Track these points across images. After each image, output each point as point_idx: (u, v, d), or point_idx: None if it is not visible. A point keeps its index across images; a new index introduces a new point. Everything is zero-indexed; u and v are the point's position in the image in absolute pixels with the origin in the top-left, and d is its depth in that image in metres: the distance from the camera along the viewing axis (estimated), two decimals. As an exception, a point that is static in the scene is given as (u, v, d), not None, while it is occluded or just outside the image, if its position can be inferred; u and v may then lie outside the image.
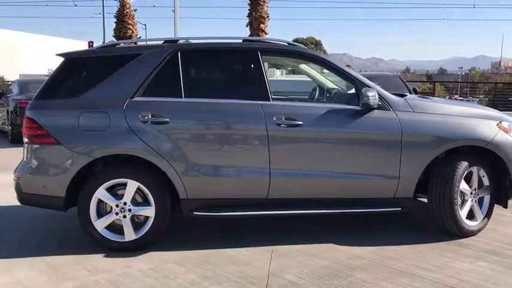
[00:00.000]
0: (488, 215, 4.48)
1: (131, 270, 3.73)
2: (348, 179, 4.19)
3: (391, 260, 3.85)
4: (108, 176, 4.05)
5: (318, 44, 72.08)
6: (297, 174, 4.15)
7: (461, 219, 4.26)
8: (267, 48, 4.35)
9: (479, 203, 4.45)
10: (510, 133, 4.39)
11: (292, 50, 4.41)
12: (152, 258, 3.95)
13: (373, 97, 4.07)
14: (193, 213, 4.15)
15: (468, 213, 4.37)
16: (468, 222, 4.34)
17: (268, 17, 17.28)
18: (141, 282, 3.51)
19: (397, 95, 4.48)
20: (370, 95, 4.06)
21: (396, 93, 4.50)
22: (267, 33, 17.12)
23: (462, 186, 4.27)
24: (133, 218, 4.10)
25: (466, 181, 4.32)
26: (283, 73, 16.39)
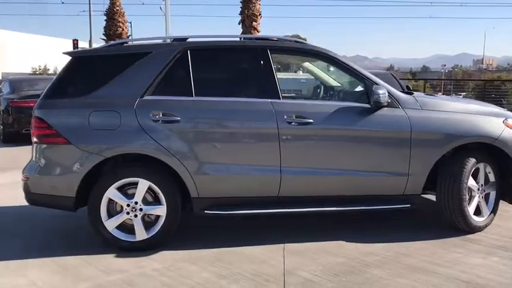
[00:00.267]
0: (494, 210, 4.55)
1: (145, 269, 3.71)
2: (358, 176, 4.21)
3: (404, 256, 3.88)
4: (119, 176, 4.02)
5: (303, 42, 72.10)
6: (307, 172, 4.17)
7: (469, 215, 4.31)
8: (277, 46, 4.35)
9: (485, 199, 4.51)
10: None
11: (301, 48, 4.42)
12: (165, 258, 3.93)
13: (384, 95, 4.10)
14: (205, 211, 4.13)
15: (475, 209, 4.43)
16: (476, 218, 4.39)
17: (260, 14, 17.28)
18: (158, 282, 3.49)
19: (405, 92, 4.51)
20: (380, 92, 4.08)
21: (404, 91, 4.53)
22: (259, 31, 17.14)
23: (470, 182, 4.32)
24: (144, 217, 4.08)
25: (473, 177, 4.37)
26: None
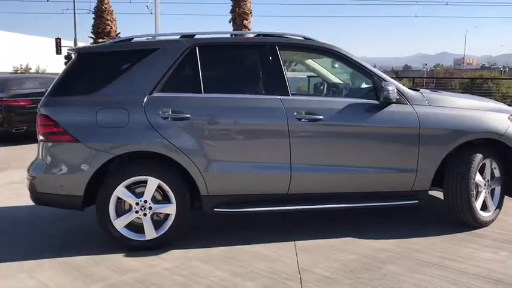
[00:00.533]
0: (500, 205, 4.59)
1: (157, 269, 3.66)
2: (368, 172, 4.21)
3: (415, 252, 3.89)
4: (128, 174, 3.95)
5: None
6: (317, 169, 4.15)
7: (477, 211, 4.35)
8: (285, 42, 4.32)
9: (491, 194, 4.55)
10: None
11: (310, 45, 4.39)
12: (175, 257, 3.88)
13: (393, 91, 4.11)
14: (214, 209, 4.09)
15: (481, 204, 4.46)
16: (482, 213, 4.43)
17: (251, 13, 17.24)
18: (172, 281, 3.44)
19: (412, 89, 4.53)
20: (390, 89, 4.09)
21: (411, 88, 4.54)
22: (250, 29, 17.12)
23: (477, 178, 4.35)
24: (153, 216, 4.02)
25: (479, 173, 4.40)
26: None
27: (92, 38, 16.44)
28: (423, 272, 3.51)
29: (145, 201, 3.96)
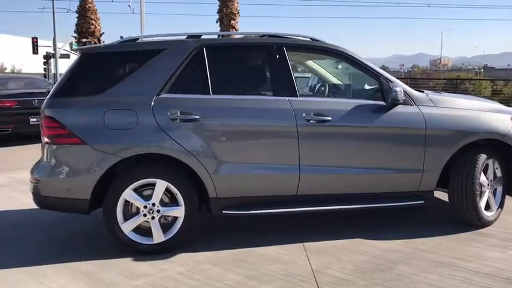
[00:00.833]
0: (502, 205, 4.66)
1: (169, 273, 3.61)
2: (375, 173, 4.23)
3: (425, 252, 3.92)
4: (136, 176, 3.89)
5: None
6: (325, 170, 4.15)
7: (481, 210, 4.40)
8: (293, 43, 4.31)
9: (493, 194, 4.61)
10: None
11: (317, 46, 4.38)
12: (185, 260, 3.83)
13: (400, 92, 4.13)
14: (223, 212, 4.06)
15: (485, 204, 4.52)
16: (486, 213, 4.49)
17: (238, 13, 17.19)
18: (187, 285, 3.39)
19: (416, 90, 4.56)
20: (398, 90, 4.11)
21: (416, 89, 4.58)
22: (237, 29, 17.07)
23: (481, 178, 4.41)
24: (160, 219, 3.96)
25: (483, 173, 4.46)
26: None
27: (75, 37, 16.18)
28: (436, 272, 3.54)
29: (154, 204, 3.91)
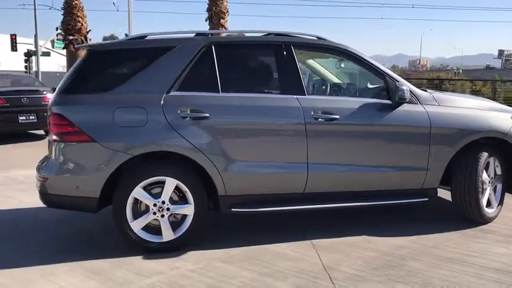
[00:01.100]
0: (501, 202, 4.76)
1: (182, 271, 3.60)
2: (381, 171, 4.28)
3: (432, 248, 3.98)
4: (146, 174, 3.86)
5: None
6: (333, 168, 4.18)
7: (483, 207, 4.49)
8: (300, 42, 4.33)
9: (493, 191, 4.71)
10: None
11: (324, 45, 4.42)
12: (197, 258, 3.82)
13: (407, 91, 4.19)
14: (231, 209, 4.06)
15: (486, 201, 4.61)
16: (487, 210, 4.58)
17: (228, 12, 17.18)
18: (202, 283, 3.39)
19: (421, 89, 4.62)
20: (405, 89, 4.17)
21: (421, 88, 4.65)
22: (226, 28, 17.01)
23: (483, 175, 4.50)
24: (169, 217, 3.94)
25: (484, 171, 4.55)
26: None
27: (62, 34, 15.95)
28: (446, 268, 3.60)
29: (163, 202, 3.89)
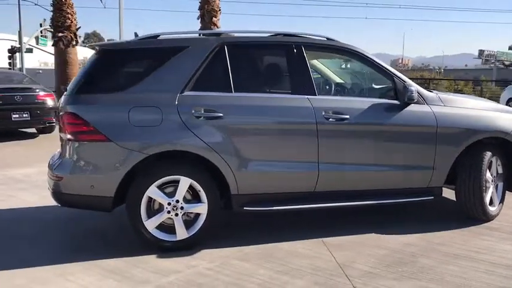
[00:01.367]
0: (503, 200, 4.88)
1: (199, 269, 3.63)
2: (390, 170, 4.36)
3: (440, 246, 4.07)
4: (160, 174, 3.89)
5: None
6: (342, 167, 4.25)
7: (487, 205, 4.61)
8: (310, 43, 4.38)
9: (495, 189, 4.83)
10: None
11: (333, 45, 4.47)
12: (211, 256, 3.86)
13: (416, 92, 4.28)
14: (244, 208, 4.10)
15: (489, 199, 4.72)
16: (490, 208, 4.69)
17: (220, 10, 17.17)
18: (220, 281, 3.42)
19: (428, 90, 4.72)
20: (413, 89, 4.26)
21: (426, 89, 4.74)
22: (218, 27, 17.00)
23: (487, 174, 4.61)
24: (183, 216, 3.97)
25: (487, 169, 4.66)
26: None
27: (51, 31, 15.75)
28: (456, 264, 3.69)
29: (177, 201, 3.91)
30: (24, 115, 10.16)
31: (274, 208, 4.16)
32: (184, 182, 3.91)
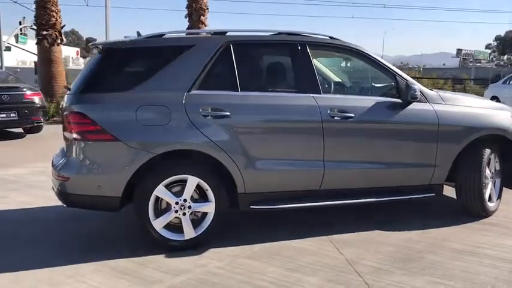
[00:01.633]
0: (500, 196, 4.98)
1: (210, 268, 3.63)
2: (393, 168, 4.42)
3: (444, 241, 4.14)
4: (168, 173, 3.87)
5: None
6: (347, 165, 4.29)
7: (486, 201, 4.70)
8: (314, 42, 4.41)
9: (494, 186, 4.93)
10: None
11: (337, 44, 4.51)
12: (219, 256, 3.86)
13: (418, 90, 4.35)
14: (250, 207, 4.11)
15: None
16: (489, 204, 4.79)
17: (207, 9, 17.11)
18: (233, 280, 3.43)
19: (429, 88, 4.79)
20: (416, 88, 4.32)
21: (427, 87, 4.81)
22: (206, 25, 16.93)
23: (486, 171, 4.70)
24: (190, 215, 3.96)
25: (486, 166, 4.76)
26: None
27: (34, 29, 15.47)
28: (463, 260, 3.76)
29: (185, 200, 3.90)
30: (11, 115, 9.99)
31: (281, 206, 4.18)
32: (192, 181, 3.90)
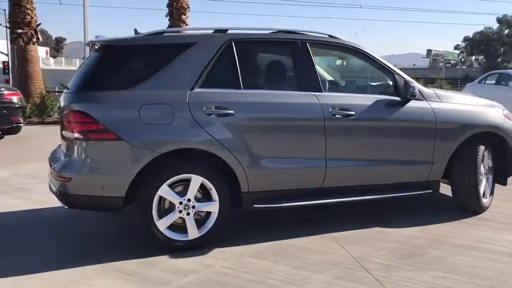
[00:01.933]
0: (492, 192, 5.09)
1: (216, 268, 3.59)
2: (393, 165, 4.46)
3: (445, 237, 4.20)
4: (172, 172, 3.81)
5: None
6: (348, 163, 4.31)
7: (481, 197, 4.79)
8: (315, 40, 4.41)
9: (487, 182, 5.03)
10: (510, 119, 5.03)
11: (337, 43, 4.53)
12: (224, 255, 3.82)
13: (416, 88, 4.40)
14: (254, 205, 4.09)
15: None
16: (484, 200, 4.88)
17: (188, 7, 16.97)
18: (241, 279, 3.40)
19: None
20: (415, 86, 4.37)
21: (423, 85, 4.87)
22: (187, 24, 16.79)
23: (481, 168, 4.79)
24: (194, 215, 3.91)
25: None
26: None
27: (8, 27, 15.06)
28: (466, 255, 3.82)
29: (189, 200, 3.86)
30: (-10, 115, 9.71)
31: (284, 205, 4.17)
32: (196, 181, 3.85)
